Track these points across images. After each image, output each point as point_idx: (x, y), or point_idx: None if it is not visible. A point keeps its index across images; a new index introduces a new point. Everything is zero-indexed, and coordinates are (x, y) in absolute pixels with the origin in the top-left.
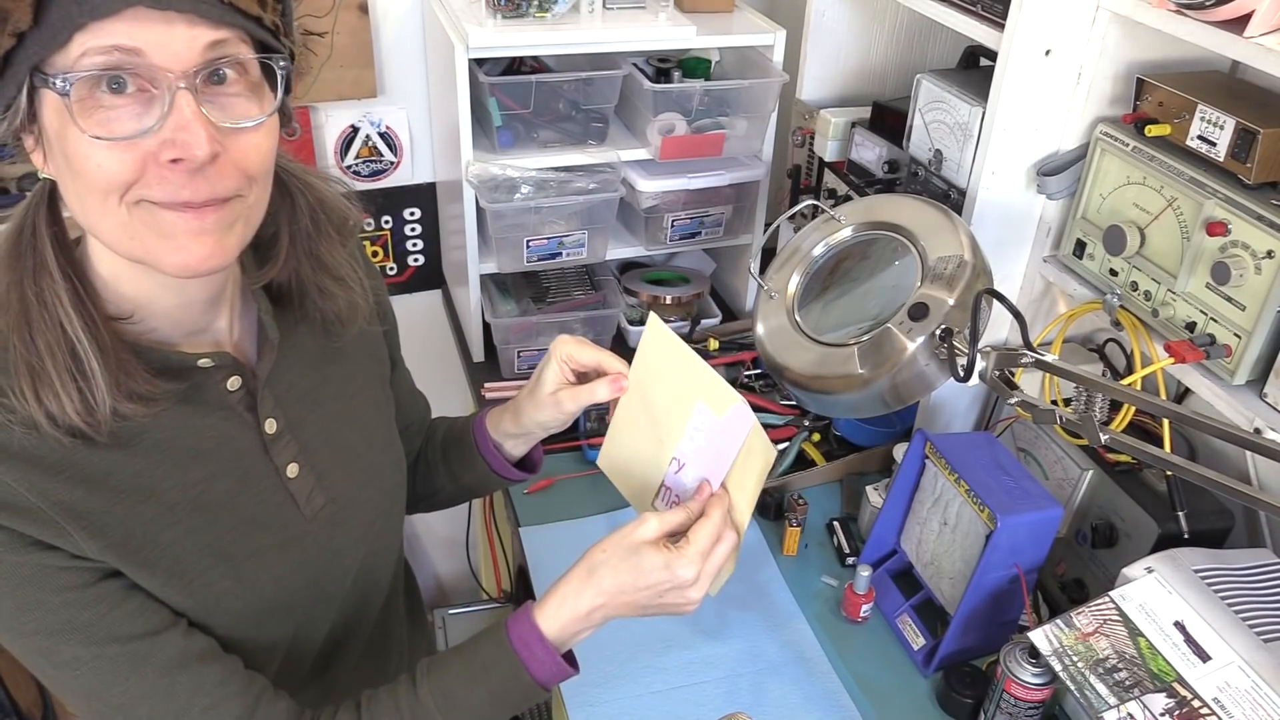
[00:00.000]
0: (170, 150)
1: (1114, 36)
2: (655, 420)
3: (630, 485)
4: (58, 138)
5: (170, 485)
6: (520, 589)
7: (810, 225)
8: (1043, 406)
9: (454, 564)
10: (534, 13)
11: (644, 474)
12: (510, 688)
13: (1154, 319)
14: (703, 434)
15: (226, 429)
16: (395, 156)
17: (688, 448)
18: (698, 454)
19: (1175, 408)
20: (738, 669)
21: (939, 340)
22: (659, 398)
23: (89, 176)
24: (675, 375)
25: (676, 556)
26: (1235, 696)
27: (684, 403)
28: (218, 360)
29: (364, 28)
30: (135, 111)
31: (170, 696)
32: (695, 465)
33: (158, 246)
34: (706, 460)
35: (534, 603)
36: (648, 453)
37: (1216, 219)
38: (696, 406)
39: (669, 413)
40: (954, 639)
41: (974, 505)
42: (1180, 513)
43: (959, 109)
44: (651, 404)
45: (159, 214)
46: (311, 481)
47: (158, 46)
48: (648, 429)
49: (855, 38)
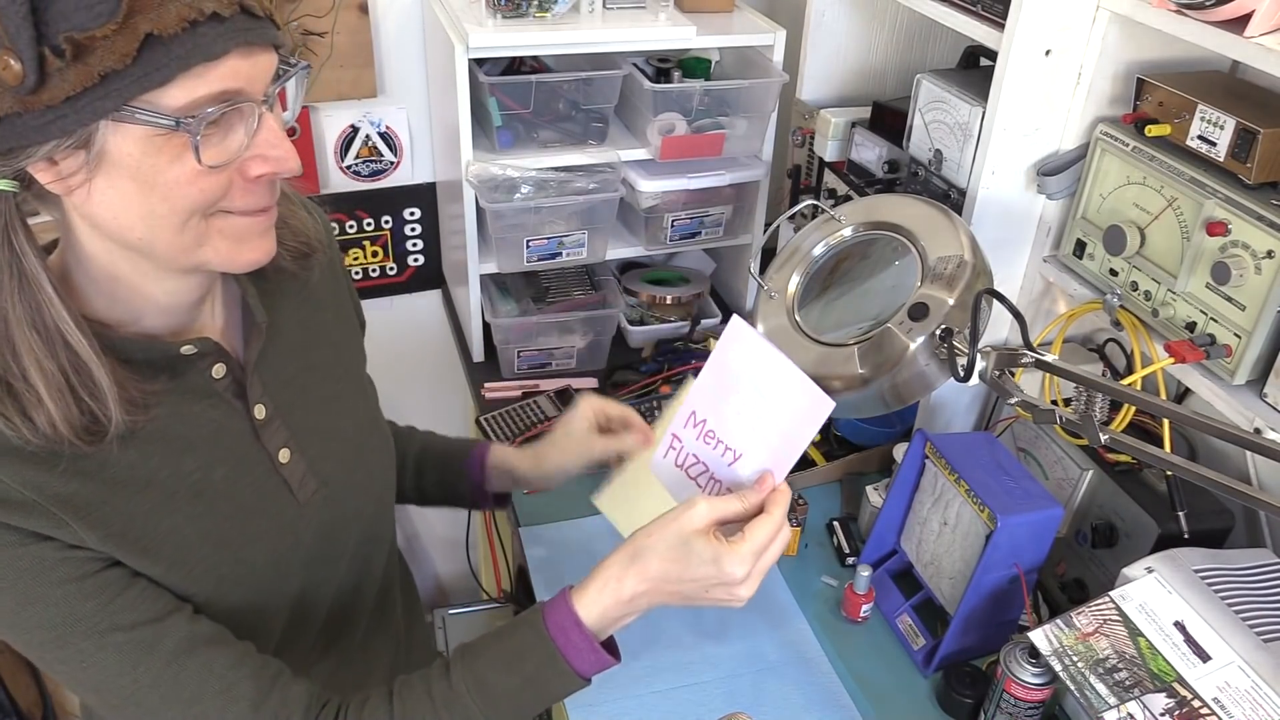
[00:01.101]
0: (262, 166)
1: (1114, 36)
2: (723, 421)
3: (642, 505)
4: (137, 168)
5: (167, 474)
6: (520, 589)
7: (810, 225)
8: (1043, 406)
9: (454, 564)
10: (534, 13)
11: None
12: (547, 676)
13: (1154, 319)
14: (771, 422)
15: (217, 416)
16: (395, 156)
17: (749, 437)
18: (762, 443)
19: (1175, 408)
20: (738, 669)
21: (939, 340)
22: (734, 401)
23: (184, 201)
24: (756, 377)
25: (729, 552)
26: (1235, 696)
27: (757, 401)
28: (201, 347)
29: (364, 28)
30: (223, 134)
31: (179, 683)
32: (757, 455)
33: (230, 249)
34: (772, 450)
35: (572, 588)
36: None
37: (1216, 219)
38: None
39: (739, 414)
40: (954, 639)
41: (974, 505)
42: (1180, 513)
43: (959, 109)
44: (722, 408)
45: (235, 221)
46: (303, 466)
47: (251, 81)
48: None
49: (855, 38)
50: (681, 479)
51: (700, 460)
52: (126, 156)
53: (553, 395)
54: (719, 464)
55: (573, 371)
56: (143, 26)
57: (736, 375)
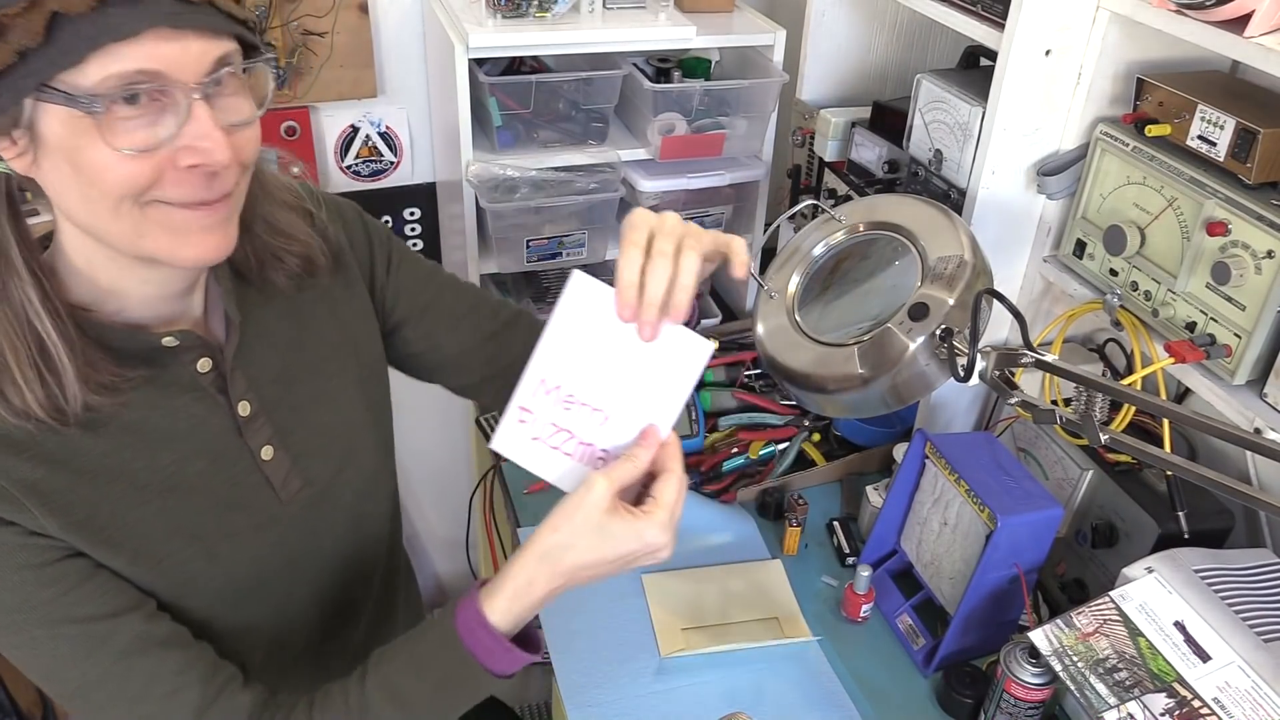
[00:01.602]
0: (191, 156)
1: (1114, 36)
2: (582, 383)
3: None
4: (66, 149)
5: (140, 466)
6: None
7: (810, 225)
8: (1043, 406)
9: (454, 564)
10: (534, 13)
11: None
12: (461, 678)
13: (1154, 319)
14: (641, 376)
15: (198, 411)
16: (395, 156)
17: (617, 396)
18: (635, 399)
19: (1175, 408)
20: (738, 669)
21: (939, 340)
22: (591, 361)
23: (107, 185)
24: (614, 332)
25: (647, 524)
26: (1235, 696)
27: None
28: (183, 339)
29: (364, 28)
30: (150, 121)
31: (126, 681)
32: (632, 411)
33: (171, 243)
34: (648, 403)
35: (484, 585)
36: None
37: (1216, 219)
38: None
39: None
40: (954, 639)
41: (974, 505)
42: (1180, 513)
43: (959, 109)
44: (577, 370)
45: (172, 213)
46: (287, 464)
47: (176, 65)
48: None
49: (855, 38)
50: (543, 452)
51: (563, 428)
52: (55, 137)
53: None
54: (588, 428)
55: None
56: (50, 5)
57: (589, 333)
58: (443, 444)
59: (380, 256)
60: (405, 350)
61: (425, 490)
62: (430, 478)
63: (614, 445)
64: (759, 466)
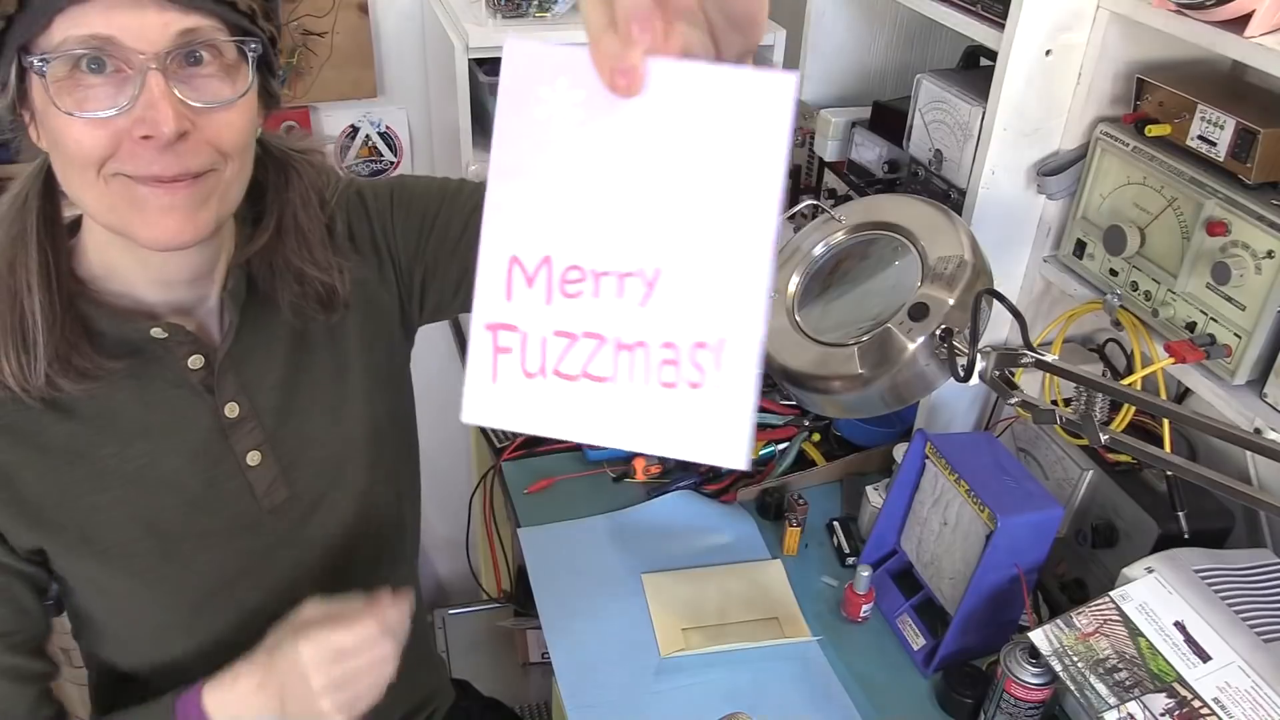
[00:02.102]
0: (140, 127)
1: (1114, 36)
2: (593, 227)
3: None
4: (43, 114)
5: (108, 453)
6: (520, 589)
7: (810, 225)
8: (1043, 406)
9: (454, 564)
10: (534, 12)
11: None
12: None
13: (1154, 319)
14: (693, 176)
15: (182, 407)
16: (395, 156)
17: (664, 224)
18: (684, 227)
19: (1175, 408)
20: (738, 669)
21: (939, 340)
22: (598, 186)
23: (68, 151)
24: (624, 115)
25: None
26: (1235, 696)
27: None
28: (172, 333)
29: (364, 28)
30: (110, 91)
31: None
32: (692, 252)
33: (133, 220)
34: (709, 221)
35: (207, 685)
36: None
37: (1217, 219)
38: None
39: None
40: (954, 639)
41: (974, 505)
42: (1180, 513)
43: (959, 109)
44: (580, 207)
45: (133, 188)
46: (274, 473)
47: (130, 33)
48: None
49: (855, 38)
50: (556, 394)
51: (580, 332)
52: (38, 105)
53: None
54: (626, 312)
55: None
56: None
57: (566, 144)
58: (443, 444)
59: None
60: (446, 293)
61: (425, 490)
62: (430, 478)
63: (685, 325)
64: (759, 466)
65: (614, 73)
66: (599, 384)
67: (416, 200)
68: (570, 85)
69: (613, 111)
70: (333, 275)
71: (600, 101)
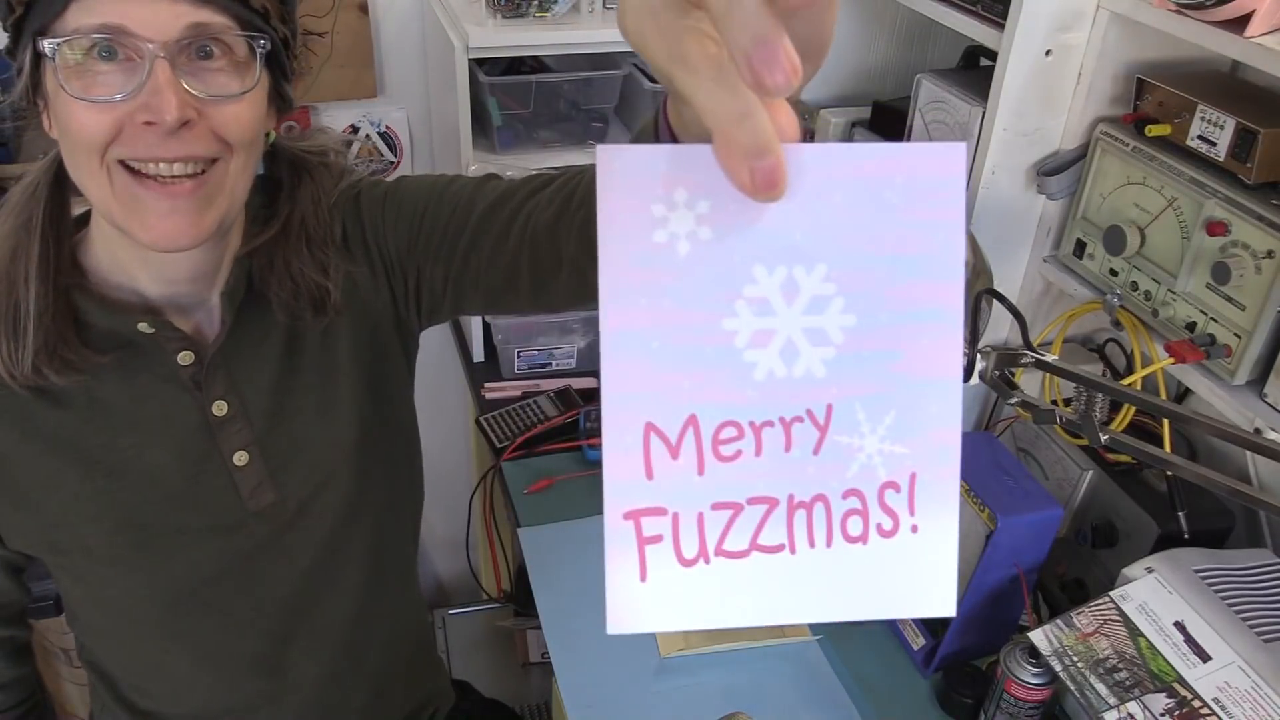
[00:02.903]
0: (144, 113)
1: (1114, 36)
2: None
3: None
4: (53, 100)
5: (95, 444)
6: (520, 589)
7: None
8: (1043, 406)
9: (454, 564)
10: (534, 12)
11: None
12: None
13: (1154, 319)
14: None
15: (170, 402)
16: (395, 156)
17: (822, 364)
18: (850, 344)
19: (1175, 408)
20: (738, 669)
21: None
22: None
23: (73, 135)
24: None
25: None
26: (1235, 696)
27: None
28: (160, 329)
29: (364, 28)
30: (118, 78)
31: None
32: (861, 374)
33: (132, 218)
34: (880, 332)
35: None
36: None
37: (1216, 219)
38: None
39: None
40: (954, 639)
41: (974, 505)
42: (1180, 513)
43: (959, 109)
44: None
45: (133, 185)
46: (261, 474)
47: (141, 22)
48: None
49: (855, 37)
50: (730, 575)
51: (748, 501)
52: (49, 91)
53: (553, 395)
54: (802, 468)
55: (573, 371)
56: None
57: (712, 259)
58: (443, 444)
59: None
60: (466, 289)
61: (425, 490)
62: (430, 478)
63: (869, 467)
64: None
65: (753, 173)
66: (774, 555)
67: (408, 200)
68: (690, 196)
69: (751, 220)
70: (327, 278)
71: (732, 208)
